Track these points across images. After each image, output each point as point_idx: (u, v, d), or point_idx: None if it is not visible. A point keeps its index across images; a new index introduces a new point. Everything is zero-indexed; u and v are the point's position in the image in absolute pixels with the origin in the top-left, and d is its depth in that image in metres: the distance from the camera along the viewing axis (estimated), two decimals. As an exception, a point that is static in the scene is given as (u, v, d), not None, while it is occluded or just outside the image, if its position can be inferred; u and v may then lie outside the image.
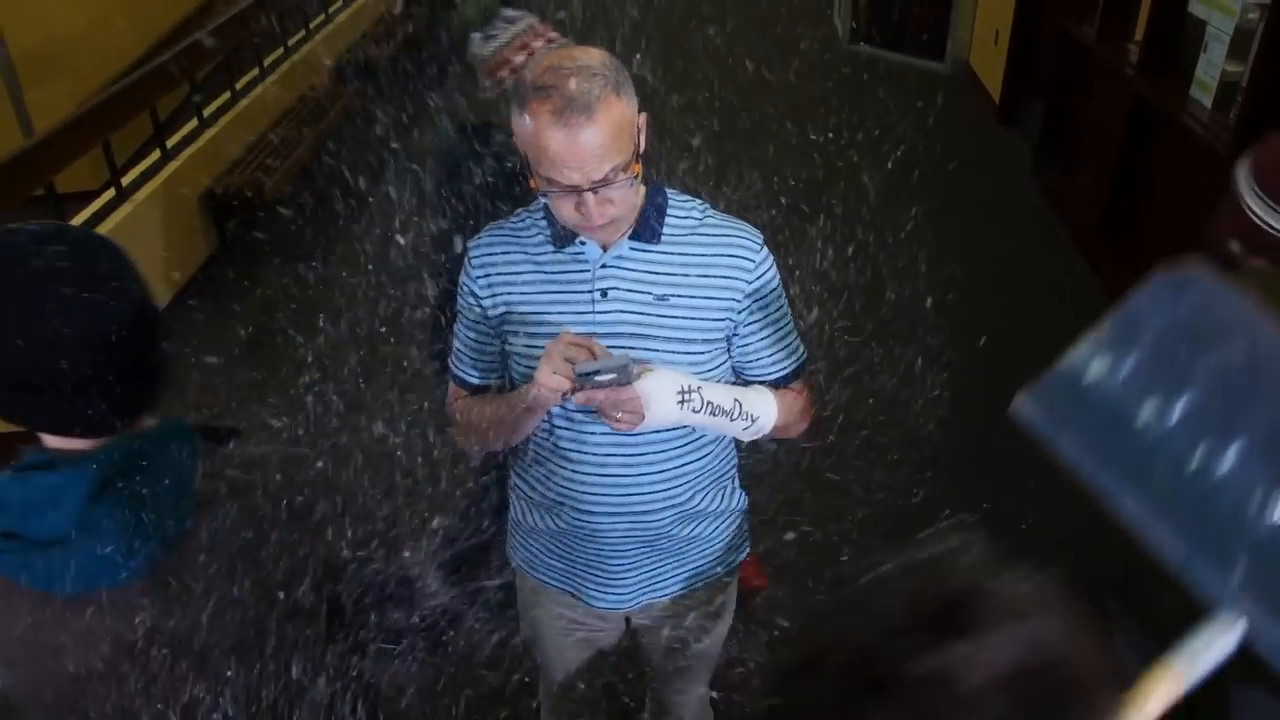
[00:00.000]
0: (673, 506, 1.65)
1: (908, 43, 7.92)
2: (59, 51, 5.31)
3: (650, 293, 1.54)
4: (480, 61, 1.80)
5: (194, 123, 4.96)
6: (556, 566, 1.75)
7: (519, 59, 1.82)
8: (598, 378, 1.40)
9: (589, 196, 1.40)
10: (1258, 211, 1.67)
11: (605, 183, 1.39)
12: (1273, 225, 1.65)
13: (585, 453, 1.59)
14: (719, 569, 1.79)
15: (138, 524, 1.06)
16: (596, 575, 1.71)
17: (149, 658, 1.11)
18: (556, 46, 1.78)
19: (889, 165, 5.05)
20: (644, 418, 1.46)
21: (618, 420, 1.46)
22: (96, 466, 1.05)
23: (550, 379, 1.40)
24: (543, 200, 1.52)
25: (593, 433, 1.57)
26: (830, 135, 5.96)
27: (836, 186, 5.17)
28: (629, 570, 1.70)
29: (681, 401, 1.48)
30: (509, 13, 1.85)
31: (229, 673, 1.16)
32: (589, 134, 1.35)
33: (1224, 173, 3.35)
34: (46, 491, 1.05)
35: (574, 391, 1.42)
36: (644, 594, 1.74)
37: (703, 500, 1.70)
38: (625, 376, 1.41)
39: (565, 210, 1.44)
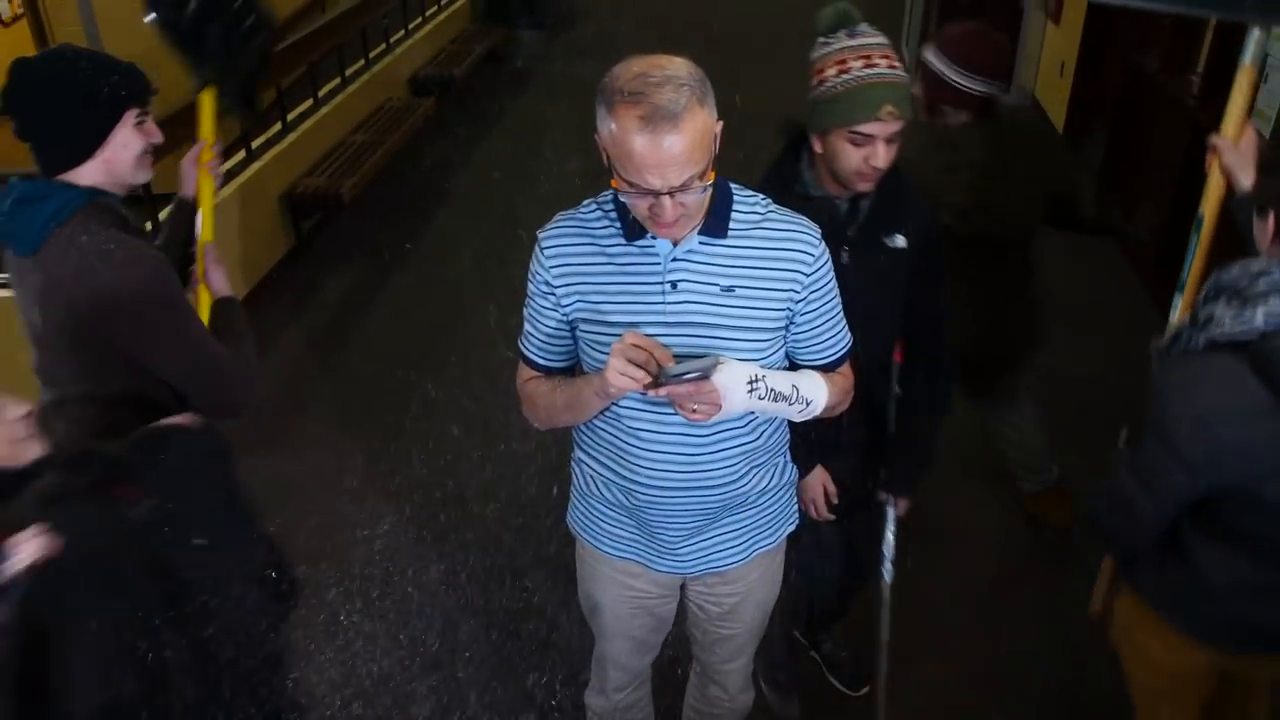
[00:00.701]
0: (733, 481, 1.75)
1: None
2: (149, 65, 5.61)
3: (717, 284, 1.61)
4: (809, 63, 1.93)
5: (278, 126, 5.20)
6: (620, 535, 1.86)
7: (829, 72, 1.86)
8: (684, 376, 1.48)
9: (665, 200, 1.47)
10: (953, 77, 2.54)
11: (684, 189, 1.46)
12: (965, 85, 2.54)
13: (655, 432, 1.68)
14: (770, 541, 1.90)
15: None
16: (659, 543, 1.82)
17: None
18: (873, 73, 1.82)
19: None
20: (720, 409, 1.54)
21: (694, 412, 1.54)
22: None
23: (618, 379, 1.48)
24: (611, 193, 1.61)
25: (663, 413, 1.64)
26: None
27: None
28: (689, 538, 1.81)
29: (750, 390, 1.55)
30: (861, 28, 1.88)
31: None
32: (674, 142, 1.41)
33: None
34: None
35: (654, 387, 1.48)
36: (702, 561, 1.84)
37: (759, 474, 1.80)
38: (706, 373, 1.49)
39: (640, 209, 1.52)
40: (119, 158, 1.90)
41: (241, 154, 4.91)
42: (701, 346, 1.59)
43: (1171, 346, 1.73)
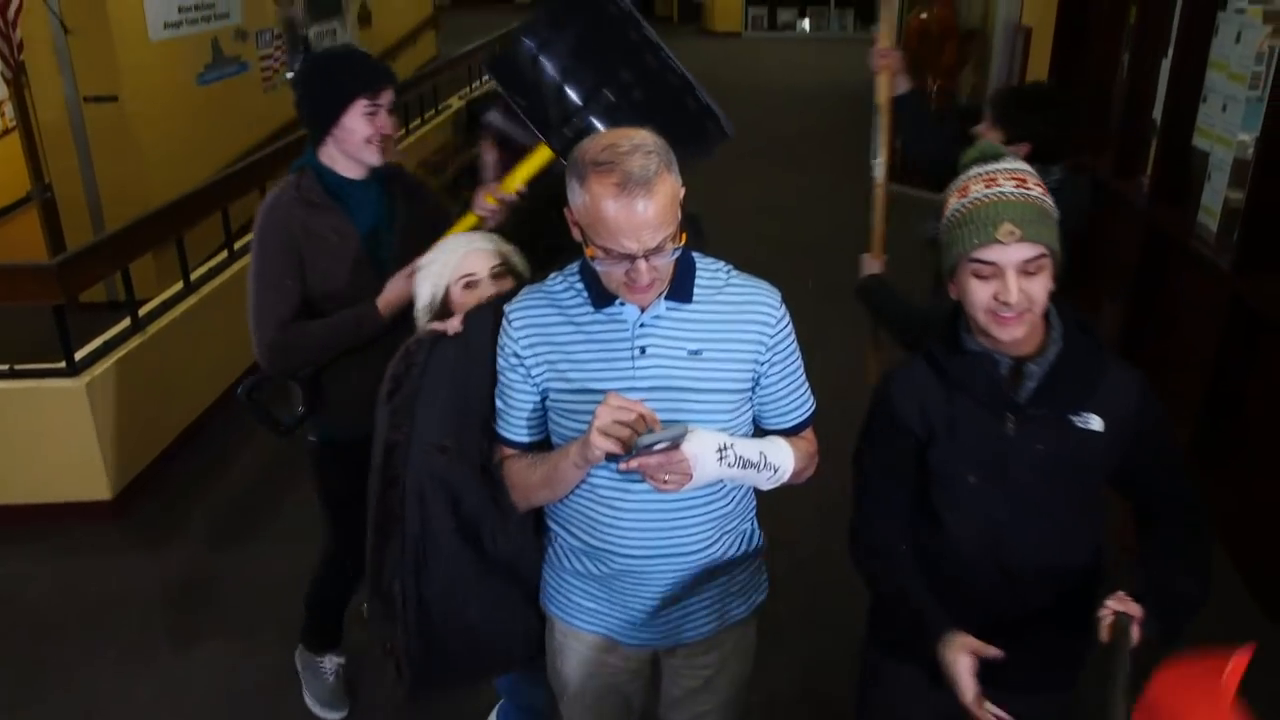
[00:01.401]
0: (705, 548, 1.77)
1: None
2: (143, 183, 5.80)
3: (685, 348, 1.66)
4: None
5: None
6: (592, 608, 1.86)
7: (951, 202, 1.64)
8: (654, 447, 1.50)
9: (641, 263, 1.52)
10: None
11: (658, 250, 1.52)
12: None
13: (626, 501, 1.70)
14: (742, 610, 1.90)
15: None
16: (631, 614, 1.82)
17: None
18: (992, 192, 1.58)
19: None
20: (691, 479, 1.56)
21: (665, 483, 1.56)
22: None
23: (602, 440, 1.51)
24: (577, 266, 1.68)
25: (634, 482, 1.65)
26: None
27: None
28: (662, 608, 1.81)
29: (720, 458, 1.58)
30: (1004, 160, 1.66)
31: None
32: (647, 207, 1.48)
33: (1230, 289, 3.53)
34: None
35: (625, 457, 1.51)
36: (674, 632, 1.84)
37: (729, 540, 1.82)
38: (676, 442, 1.52)
39: (615, 276, 1.57)
40: (347, 139, 2.32)
41: (224, 254, 5.00)
42: (671, 410, 1.62)
43: None
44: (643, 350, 1.65)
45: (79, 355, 3.75)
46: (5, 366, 3.68)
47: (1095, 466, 1.66)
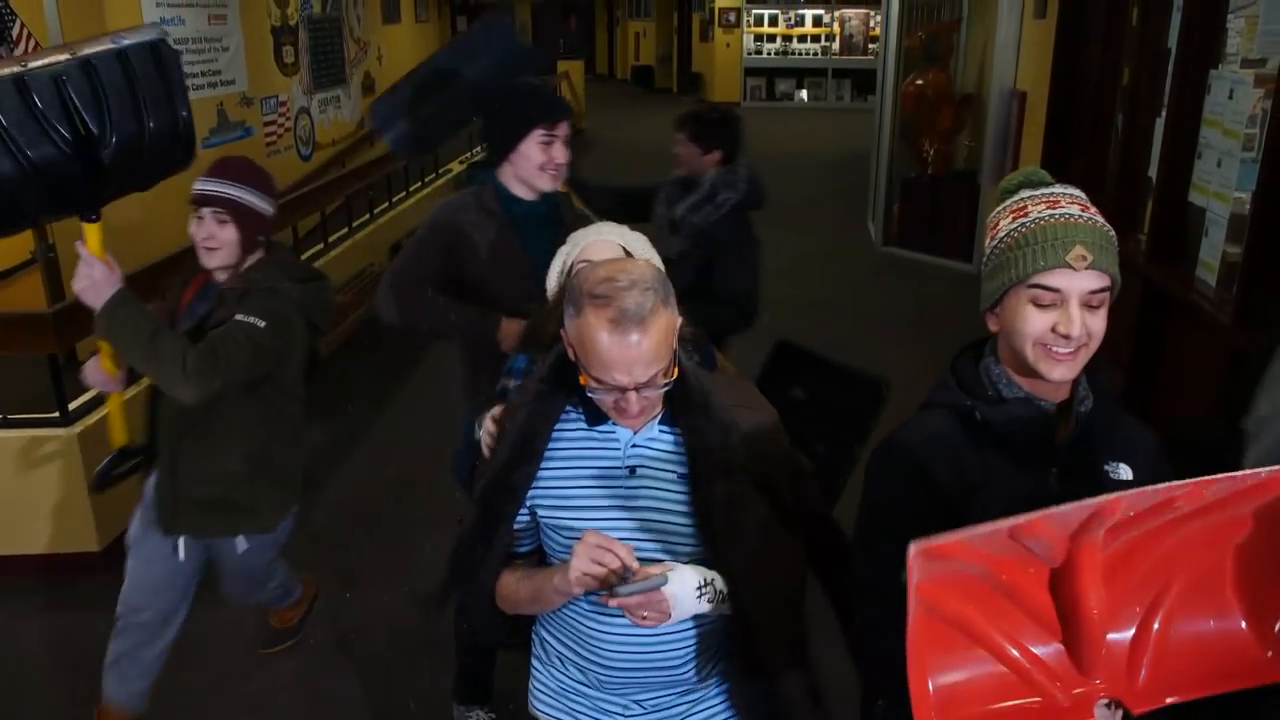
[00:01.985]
0: (688, 664, 1.74)
1: (937, 245, 8.32)
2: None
3: (675, 471, 1.66)
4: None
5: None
6: (577, 706, 1.82)
7: (1003, 223, 1.48)
8: (635, 590, 1.51)
9: (631, 395, 1.53)
10: None
11: (649, 385, 1.53)
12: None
13: (611, 616, 1.69)
14: (727, 714, 1.85)
15: None
16: (616, 716, 1.79)
17: None
18: (1059, 213, 1.42)
19: (920, 351, 5.25)
20: (670, 617, 1.56)
21: (644, 619, 1.55)
22: None
23: (582, 580, 1.52)
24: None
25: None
26: (862, 326, 6.19)
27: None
28: (646, 714, 1.78)
29: (700, 595, 1.58)
30: (1061, 187, 1.51)
31: None
32: (640, 344, 1.48)
33: (1231, 342, 3.51)
34: None
35: (606, 597, 1.51)
36: None
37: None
38: (656, 584, 1.52)
39: (606, 403, 1.58)
40: (523, 164, 2.57)
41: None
42: (658, 531, 1.64)
43: None
44: (633, 470, 1.65)
45: (73, 405, 3.72)
46: (-2, 416, 3.65)
47: None
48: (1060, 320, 1.38)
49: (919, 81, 8.43)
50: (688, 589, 1.56)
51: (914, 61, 8.68)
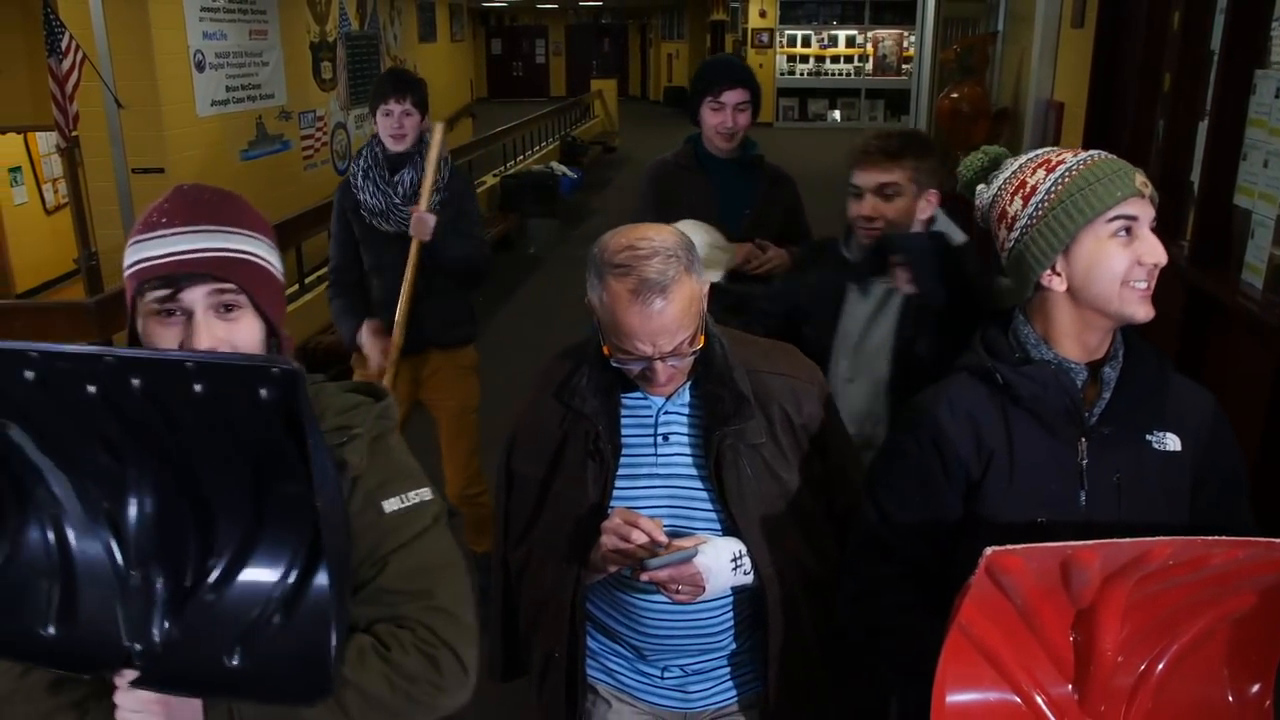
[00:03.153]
0: (727, 630, 1.72)
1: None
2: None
3: (701, 438, 1.63)
4: (983, 217, 1.61)
5: (296, 287, 5.38)
6: (621, 667, 1.81)
7: (1036, 177, 1.46)
8: (667, 562, 1.50)
9: (658, 364, 1.51)
10: None
11: (675, 354, 1.51)
12: None
13: (650, 588, 1.65)
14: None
15: None
16: (660, 679, 1.77)
17: None
18: (1097, 153, 1.43)
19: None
20: (704, 590, 1.55)
21: (677, 594, 1.54)
22: None
23: (610, 558, 1.52)
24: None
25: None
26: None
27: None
28: (689, 677, 1.76)
29: (735, 567, 1.57)
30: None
31: None
32: (663, 312, 1.46)
33: (1278, 344, 3.44)
34: None
35: (638, 572, 1.51)
36: (701, 698, 1.78)
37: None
38: (686, 556, 1.51)
39: (633, 373, 1.57)
40: (702, 126, 3.17)
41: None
42: (686, 500, 1.61)
43: None
44: (665, 438, 1.63)
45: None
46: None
47: (1181, 489, 1.45)
48: (1145, 250, 1.36)
49: (954, 95, 8.38)
50: (722, 562, 1.54)
51: (949, 75, 8.64)
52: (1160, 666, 1.31)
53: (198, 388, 1.01)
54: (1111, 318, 1.42)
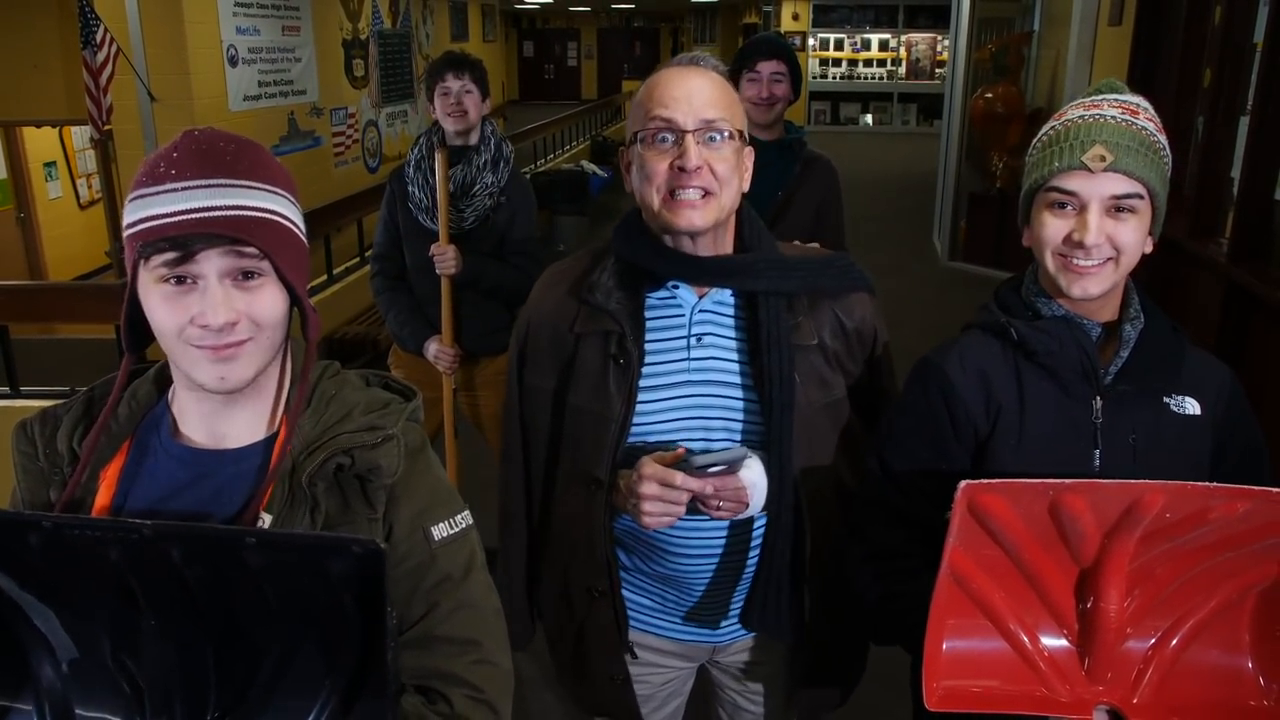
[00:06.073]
0: (756, 550, 1.61)
1: (1004, 259, 8.14)
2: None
3: (739, 340, 1.52)
4: None
5: (324, 277, 5.40)
6: (646, 605, 1.72)
7: (1045, 129, 1.45)
8: (709, 470, 1.39)
9: (690, 143, 1.37)
10: None
11: (710, 128, 1.39)
12: None
13: (682, 525, 1.56)
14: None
15: None
16: (684, 610, 1.68)
17: None
18: (1090, 114, 1.37)
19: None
20: (747, 506, 1.45)
21: (718, 509, 1.44)
22: None
23: (656, 521, 1.41)
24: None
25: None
26: (929, 338, 6.03)
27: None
28: (714, 605, 1.66)
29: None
30: (1123, 94, 1.44)
31: None
32: (701, 79, 1.42)
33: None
34: None
35: (682, 472, 1.40)
36: (726, 631, 1.70)
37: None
38: (734, 466, 1.41)
39: (659, 169, 1.40)
40: (744, 100, 2.74)
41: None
42: (727, 409, 1.50)
43: None
44: (699, 339, 1.51)
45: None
46: (66, 387, 3.69)
47: (1200, 456, 1.39)
48: (1076, 227, 1.31)
49: (988, 95, 8.29)
50: (767, 479, 1.45)
51: (983, 75, 8.55)
52: (1181, 633, 1.25)
53: (255, 562, 0.90)
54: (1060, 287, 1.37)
